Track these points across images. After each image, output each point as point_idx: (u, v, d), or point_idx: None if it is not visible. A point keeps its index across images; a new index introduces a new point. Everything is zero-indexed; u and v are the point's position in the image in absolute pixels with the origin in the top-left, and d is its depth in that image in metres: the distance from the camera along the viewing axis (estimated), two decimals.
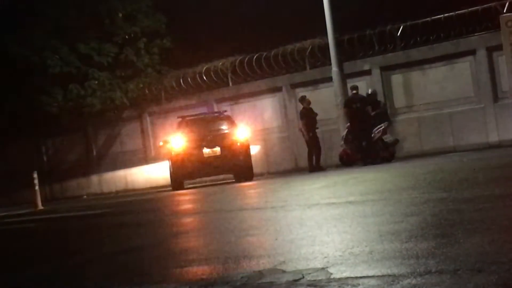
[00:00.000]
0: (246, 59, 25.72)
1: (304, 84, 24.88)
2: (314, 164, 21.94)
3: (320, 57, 24.38)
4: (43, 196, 24.90)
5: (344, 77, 22.68)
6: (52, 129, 30.45)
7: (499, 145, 21.05)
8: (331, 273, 4.51)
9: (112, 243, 8.27)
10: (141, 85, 28.73)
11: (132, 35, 28.97)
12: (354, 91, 21.64)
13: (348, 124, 21.62)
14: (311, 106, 22.30)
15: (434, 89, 22.64)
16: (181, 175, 22.02)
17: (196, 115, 23.78)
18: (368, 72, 23.64)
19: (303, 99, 22.52)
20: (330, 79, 22.98)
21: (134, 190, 27.90)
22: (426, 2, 23.90)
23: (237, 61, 26.06)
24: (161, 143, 23.81)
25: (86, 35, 28.61)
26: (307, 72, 25.00)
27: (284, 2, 28.01)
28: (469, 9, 21.85)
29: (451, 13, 22.21)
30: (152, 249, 7.05)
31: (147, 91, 28.60)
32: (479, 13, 21.71)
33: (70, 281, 5.73)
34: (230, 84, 26.72)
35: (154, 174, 27.67)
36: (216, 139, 21.82)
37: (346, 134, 21.66)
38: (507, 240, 4.98)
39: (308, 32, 24.83)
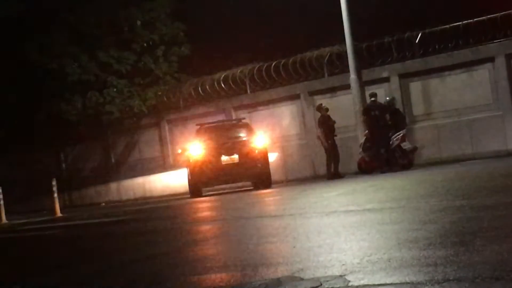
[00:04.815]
0: (264, 66, 25.74)
1: (322, 92, 24.86)
2: (333, 171, 21.91)
3: (338, 64, 24.37)
4: (61, 203, 25.00)
5: (363, 84, 22.66)
6: (71, 137, 30.60)
7: None
8: (349, 281, 4.51)
9: (131, 250, 8.29)
10: (160, 93, 28.84)
11: (151, 43, 29.10)
12: (373, 99, 21.63)
13: (367, 131, 21.61)
14: (328, 113, 22.26)
15: (453, 97, 22.56)
16: (200, 182, 22.00)
17: (214, 122, 23.79)
18: (386, 80, 23.60)
19: (320, 107, 22.50)
20: (348, 86, 22.98)
21: (152, 197, 27.94)
22: (445, 10, 23.81)
23: (255, 68, 26.09)
24: (179, 151, 23.86)
25: (105, 43, 28.77)
26: (325, 79, 24.98)
27: (302, 9, 28.03)
28: (488, 16, 21.78)
29: (469, 20, 22.15)
30: (170, 256, 7.06)
31: (165, 99, 28.68)
32: (498, 20, 21.65)
33: None
34: (248, 91, 26.73)
35: (172, 181, 27.69)
36: (234, 146, 21.80)
37: (365, 142, 21.64)
38: None
39: (327, 39, 24.83)
